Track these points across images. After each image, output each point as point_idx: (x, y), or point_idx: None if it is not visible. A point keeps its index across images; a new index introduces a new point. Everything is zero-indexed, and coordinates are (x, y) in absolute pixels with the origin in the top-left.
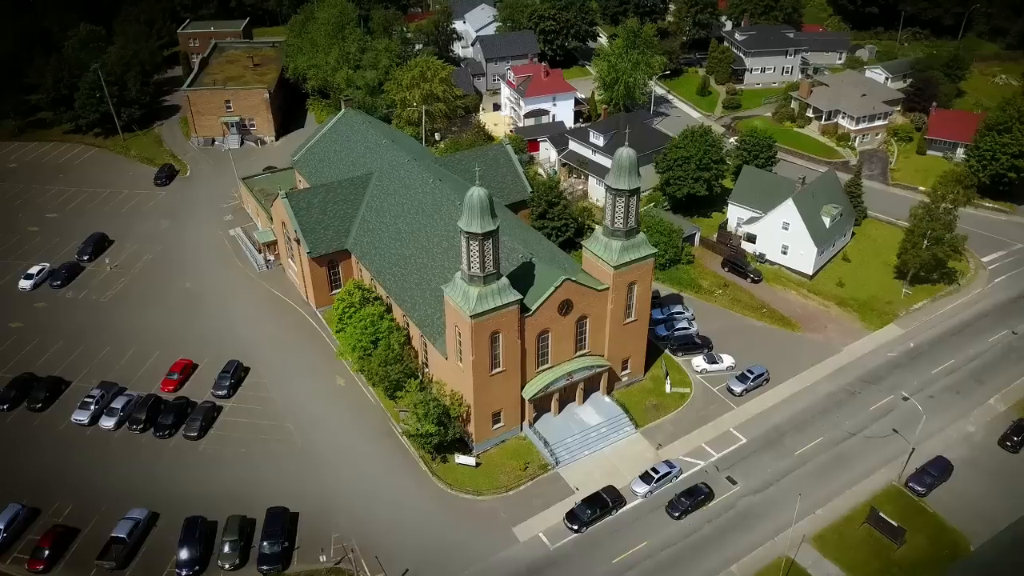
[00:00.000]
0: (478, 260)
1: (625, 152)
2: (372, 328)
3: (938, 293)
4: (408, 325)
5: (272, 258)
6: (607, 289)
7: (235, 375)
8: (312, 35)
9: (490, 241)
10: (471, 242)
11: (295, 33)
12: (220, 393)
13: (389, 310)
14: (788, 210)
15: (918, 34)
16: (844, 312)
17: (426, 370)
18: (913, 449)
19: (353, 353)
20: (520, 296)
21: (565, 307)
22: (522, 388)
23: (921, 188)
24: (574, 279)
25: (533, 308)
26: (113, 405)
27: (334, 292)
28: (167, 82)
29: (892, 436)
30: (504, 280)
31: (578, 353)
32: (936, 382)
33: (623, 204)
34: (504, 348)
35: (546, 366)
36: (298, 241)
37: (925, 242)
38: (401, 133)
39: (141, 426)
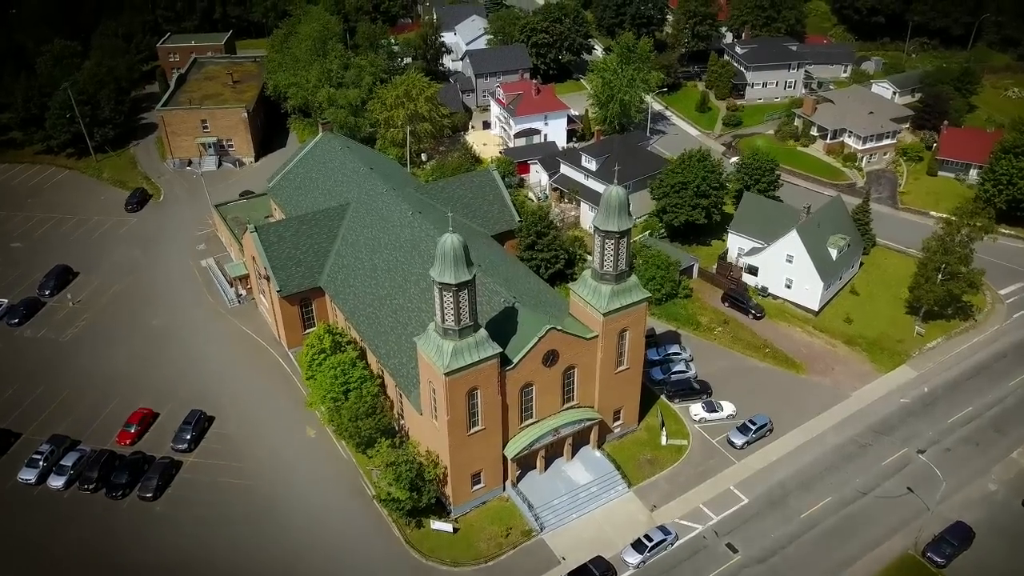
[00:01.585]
0: (453, 312)
1: (614, 192)
2: (343, 377)
3: (953, 330)
4: (384, 373)
5: (244, 292)
6: (596, 337)
7: (197, 426)
8: (293, 51)
9: (466, 292)
10: (445, 293)
11: (276, 48)
12: (180, 447)
13: (364, 356)
14: (792, 242)
15: (926, 45)
16: (852, 352)
17: (402, 421)
18: (930, 512)
19: (323, 403)
20: (499, 350)
21: (550, 358)
22: (504, 446)
23: (932, 213)
24: (560, 328)
25: (515, 361)
26: (63, 462)
27: (307, 332)
28: (146, 98)
29: (907, 496)
30: (482, 332)
31: (566, 406)
32: (953, 433)
33: (613, 246)
34: (483, 405)
35: (530, 421)
36: (268, 278)
37: (939, 276)
38: (383, 157)
39: (93, 485)
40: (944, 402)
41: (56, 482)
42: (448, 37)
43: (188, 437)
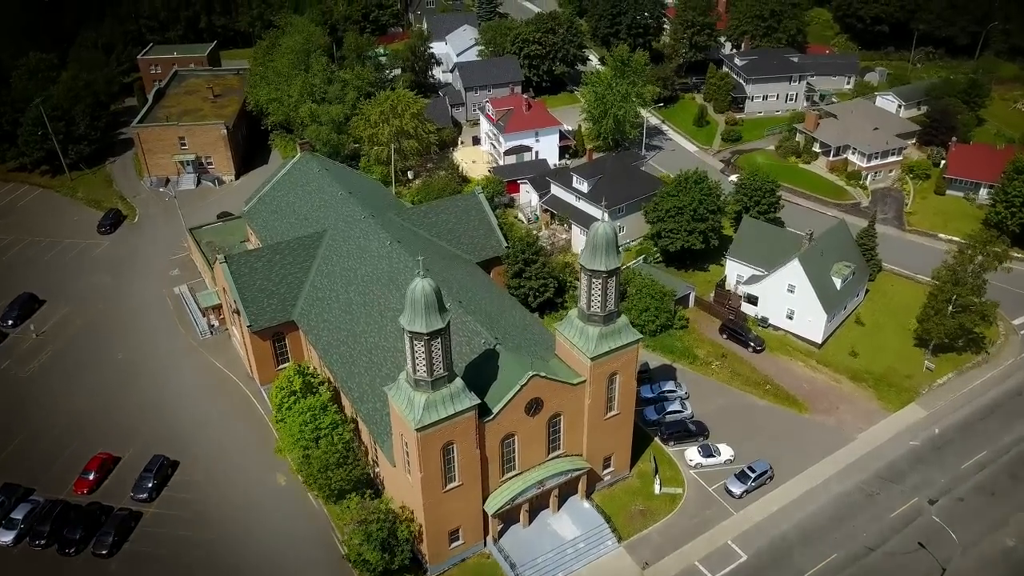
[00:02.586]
0: (425, 363)
1: (601, 228)
2: (313, 423)
3: (964, 365)
4: (358, 417)
5: (216, 323)
6: (583, 383)
7: (159, 473)
8: (275, 64)
9: (439, 340)
10: (416, 343)
11: (258, 61)
12: (141, 496)
13: (339, 396)
14: (794, 271)
15: (931, 54)
16: (858, 388)
17: (377, 469)
18: (944, 571)
19: (293, 450)
20: (477, 401)
21: (534, 406)
22: (484, 501)
23: (941, 235)
24: (544, 374)
25: (494, 412)
26: (13, 515)
27: (281, 367)
28: (125, 112)
29: (918, 552)
30: (458, 383)
31: (551, 455)
32: (966, 480)
33: (600, 286)
34: (460, 460)
35: (513, 473)
36: (237, 312)
37: (950, 308)
38: (365, 179)
39: (44, 540)
40: (956, 445)
41: (5, 537)
42: (439, 47)
43: (149, 485)
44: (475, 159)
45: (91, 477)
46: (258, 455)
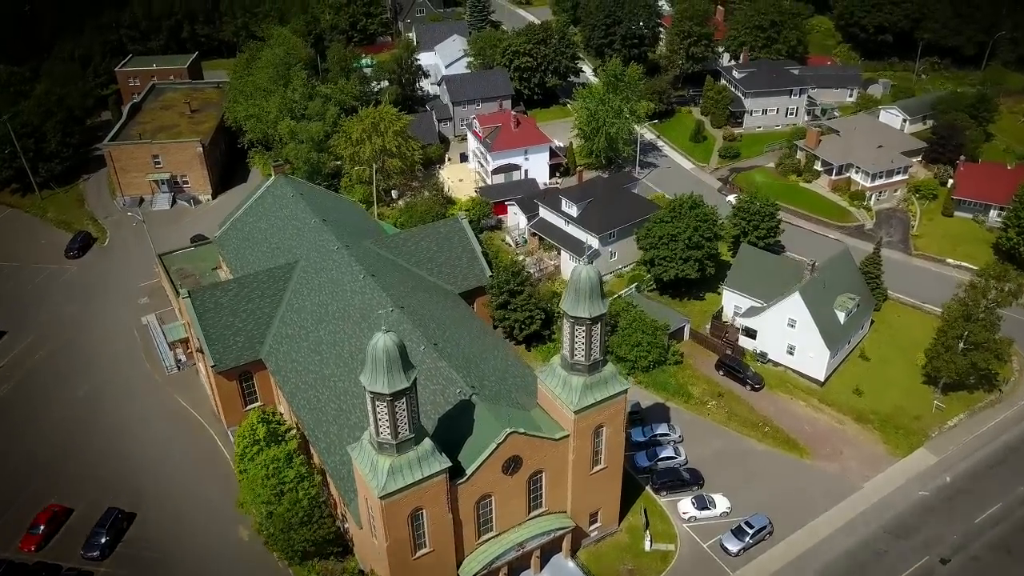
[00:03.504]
0: (388, 425)
1: (584, 273)
2: (275, 478)
3: (976, 404)
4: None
5: (184, 358)
6: (567, 437)
7: (113, 528)
8: (254, 78)
9: (404, 400)
10: (378, 403)
11: (238, 75)
12: (92, 555)
13: (307, 445)
14: (795, 305)
15: (937, 65)
16: (863, 430)
17: (347, 525)
18: None
19: (254, 505)
20: (447, 464)
21: (512, 465)
22: (459, 566)
23: (949, 260)
24: (522, 431)
25: (468, 473)
26: None
27: (249, 408)
28: (102, 126)
29: None
30: (426, 444)
31: (532, 514)
32: (981, 536)
33: (584, 333)
34: (430, 525)
35: (490, 535)
36: (201, 351)
37: (961, 345)
38: (344, 202)
39: None
40: (969, 496)
41: None
42: (428, 57)
43: (102, 542)
44: (462, 177)
45: (40, 532)
46: (221, 507)
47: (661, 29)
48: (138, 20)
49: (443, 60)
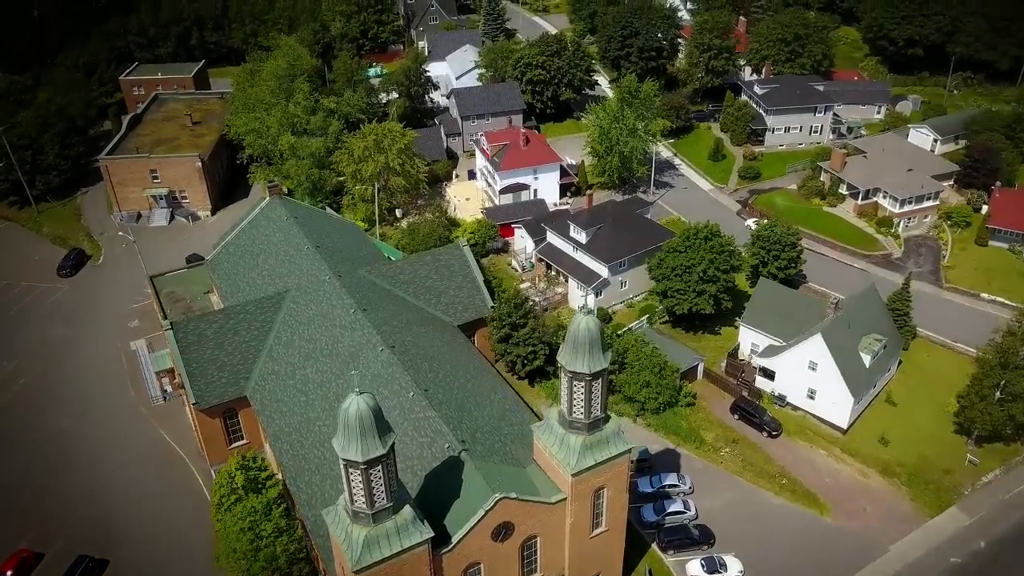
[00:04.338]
0: (363, 494)
1: (584, 323)
2: (251, 533)
3: (1014, 459)
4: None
5: (170, 389)
6: (564, 500)
7: None
8: (256, 90)
9: (379, 468)
10: (351, 471)
11: (240, 87)
12: None
13: (288, 496)
14: (816, 347)
15: (970, 80)
16: (889, 485)
17: None
18: None
19: (231, 560)
20: (428, 535)
21: (503, 531)
22: None
23: (984, 295)
24: (514, 495)
25: (453, 541)
26: None
27: (234, 446)
28: (104, 136)
29: None
30: (406, 513)
31: None
32: None
33: (583, 389)
34: None
35: None
36: (182, 386)
37: (997, 395)
38: (342, 225)
39: None
40: (1007, 565)
41: None
42: (439, 68)
43: None
44: (469, 196)
45: None
46: (198, 555)
47: (680, 41)
48: (146, 27)
49: (454, 71)
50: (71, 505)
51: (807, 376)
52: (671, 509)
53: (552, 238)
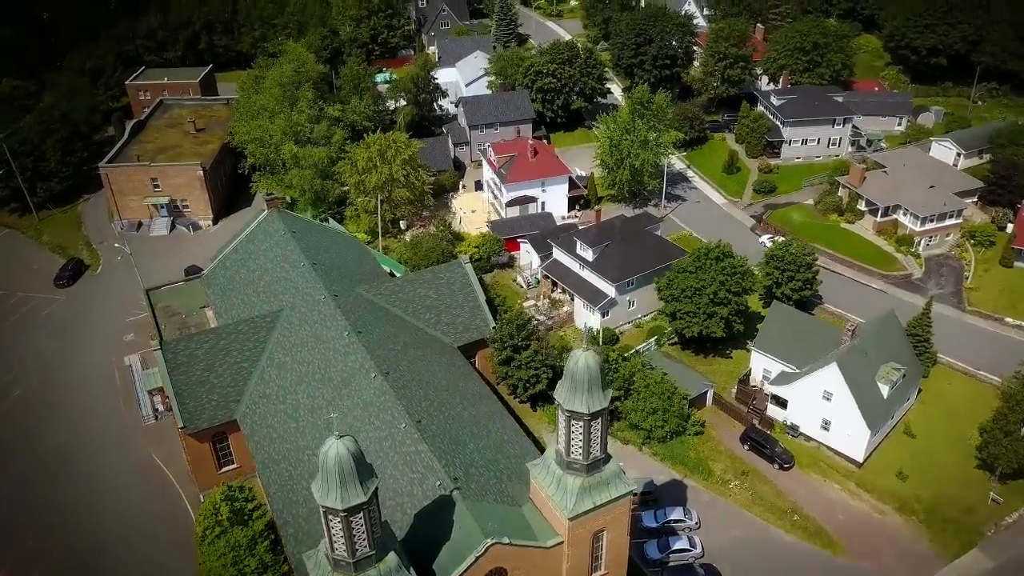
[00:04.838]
0: (344, 542)
1: (582, 360)
2: (233, 569)
3: None
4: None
5: (162, 408)
6: (560, 544)
7: None
8: (260, 97)
9: (360, 515)
10: (331, 518)
11: (245, 93)
12: None
13: (273, 528)
14: (831, 377)
15: (995, 91)
16: (907, 523)
17: None
18: None
19: None
20: None
21: None
22: None
23: (1008, 319)
24: (506, 540)
25: None
26: None
27: (225, 470)
28: (109, 142)
29: None
30: (390, 561)
31: None
32: None
33: (582, 430)
34: None
35: None
36: (169, 409)
37: (1023, 430)
38: (341, 238)
39: None
40: None
41: None
42: (449, 74)
43: None
44: (475, 208)
45: None
46: None
47: (696, 49)
48: (154, 30)
49: (464, 77)
50: (52, 531)
51: (821, 406)
52: (676, 547)
53: (558, 255)
